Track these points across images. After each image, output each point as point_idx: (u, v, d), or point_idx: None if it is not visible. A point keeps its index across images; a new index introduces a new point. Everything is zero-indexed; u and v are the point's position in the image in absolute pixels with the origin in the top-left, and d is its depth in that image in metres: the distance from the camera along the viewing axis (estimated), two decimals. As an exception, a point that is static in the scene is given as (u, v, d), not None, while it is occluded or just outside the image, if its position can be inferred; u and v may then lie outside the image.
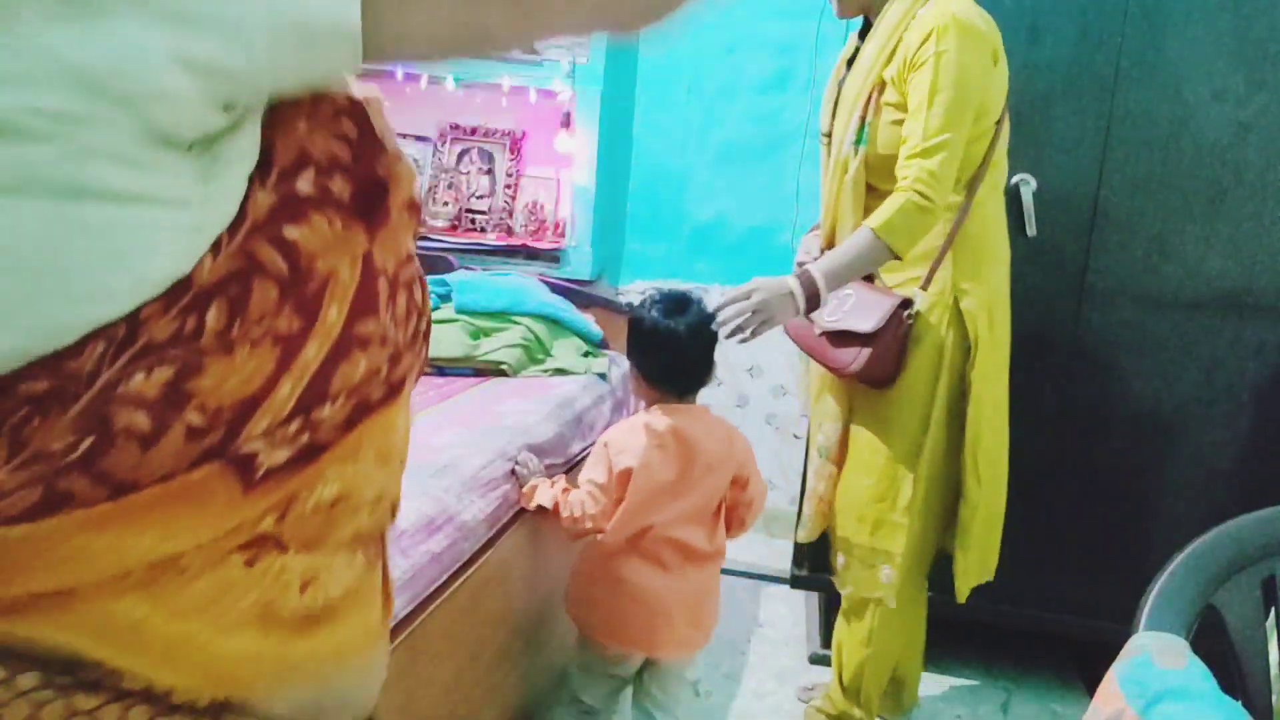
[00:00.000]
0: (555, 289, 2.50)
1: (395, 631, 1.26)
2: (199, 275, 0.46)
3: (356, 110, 0.57)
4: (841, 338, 1.70)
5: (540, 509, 1.60)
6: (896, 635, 1.88)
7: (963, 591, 1.81)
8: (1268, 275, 1.96)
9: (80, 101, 0.41)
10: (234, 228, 0.48)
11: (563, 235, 3.04)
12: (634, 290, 3.08)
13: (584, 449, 1.99)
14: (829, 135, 1.82)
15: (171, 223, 0.45)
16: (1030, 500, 2.12)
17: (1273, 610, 0.83)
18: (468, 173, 3.55)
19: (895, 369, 1.71)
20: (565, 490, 1.60)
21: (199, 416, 0.46)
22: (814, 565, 2.22)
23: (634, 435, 1.57)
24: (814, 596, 2.51)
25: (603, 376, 2.28)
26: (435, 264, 2.92)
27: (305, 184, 0.51)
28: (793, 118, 2.86)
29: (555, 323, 2.39)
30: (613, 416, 2.20)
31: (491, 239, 3.04)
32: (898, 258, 1.62)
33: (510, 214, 3.13)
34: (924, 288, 1.69)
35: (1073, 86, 1.98)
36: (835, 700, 1.94)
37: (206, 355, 0.46)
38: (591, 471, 1.59)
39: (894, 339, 1.67)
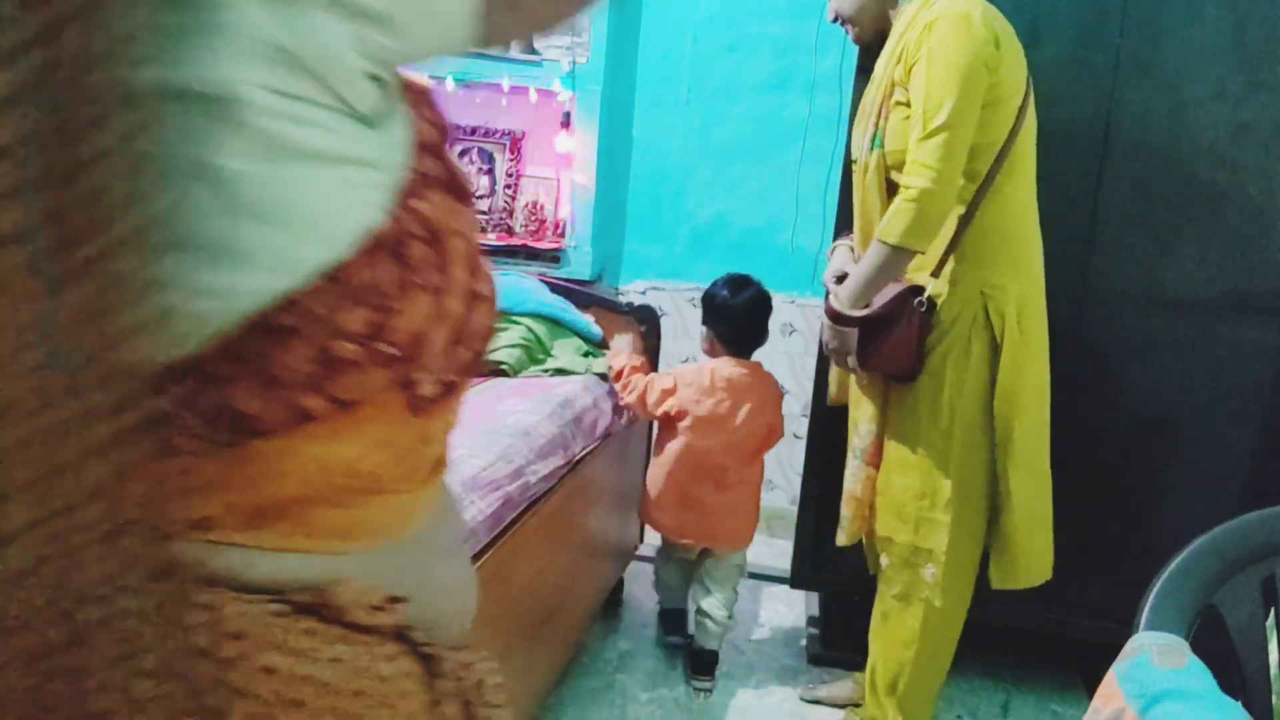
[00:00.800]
0: (555, 289, 2.50)
1: (395, 632, 1.26)
2: (381, 229, 0.55)
3: (433, 94, 0.64)
4: (866, 336, 1.72)
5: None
6: (945, 635, 1.85)
7: (996, 580, 1.80)
8: (1268, 275, 1.96)
9: (289, 77, 0.49)
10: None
11: (563, 235, 3.04)
12: (634, 290, 3.08)
13: (584, 449, 1.99)
14: (856, 160, 1.84)
15: (370, 181, 0.54)
16: (1030, 500, 2.13)
17: (1273, 610, 0.83)
18: (468, 173, 3.55)
19: (915, 361, 1.70)
20: (635, 369, 2.16)
21: (390, 349, 0.56)
22: (814, 565, 2.22)
23: (700, 374, 2.11)
24: (814, 596, 2.51)
25: (603, 377, 2.28)
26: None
27: (420, 162, 0.60)
28: (793, 118, 2.87)
29: (555, 323, 2.39)
30: (613, 416, 2.20)
31: (492, 239, 3.05)
32: (921, 252, 1.63)
33: (510, 214, 3.13)
34: (934, 274, 1.69)
35: (1072, 86, 1.98)
36: (873, 708, 1.91)
37: (391, 297, 0.55)
38: (663, 380, 2.13)
39: (909, 328, 1.67)
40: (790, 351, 2.99)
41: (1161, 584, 0.78)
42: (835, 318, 1.74)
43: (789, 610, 2.56)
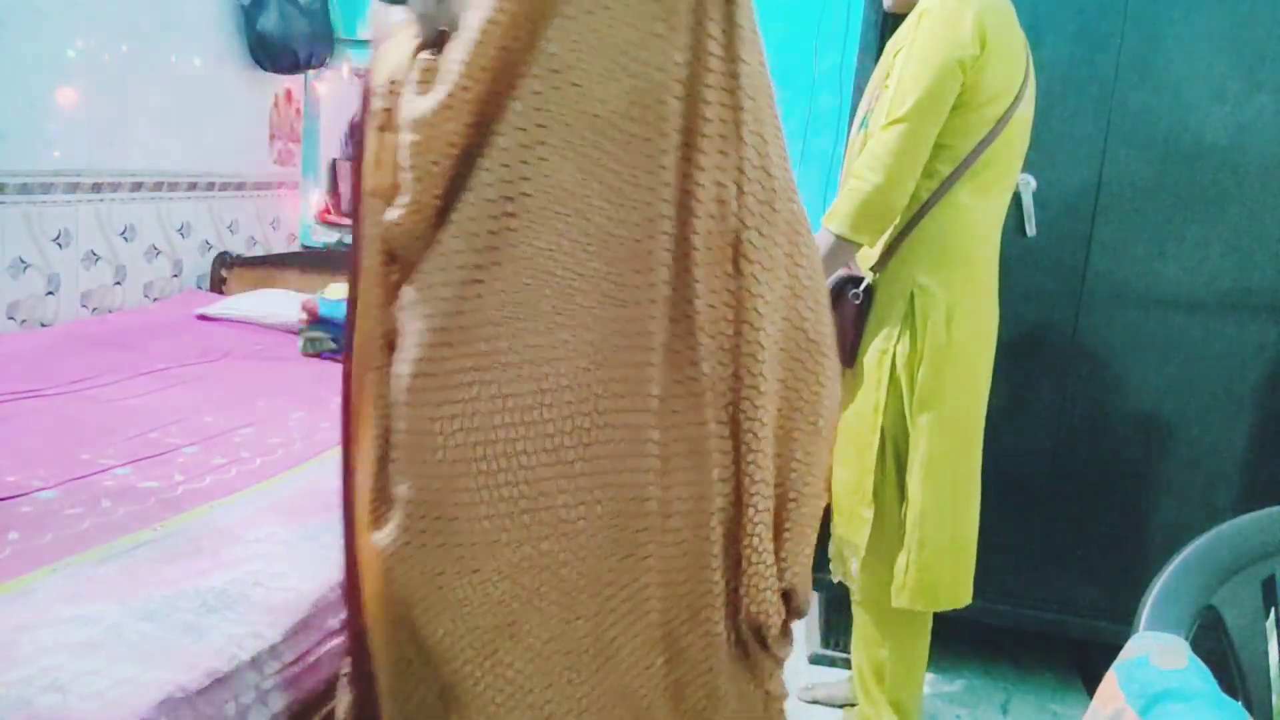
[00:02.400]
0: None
1: (395, 631, 1.26)
2: None
3: None
4: None
5: None
6: (910, 630, 1.83)
7: (901, 597, 1.72)
8: (1267, 275, 1.96)
9: None
10: None
11: (563, 235, 3.03)
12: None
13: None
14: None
15: None
16: (1030, 500, 2.12)
17: (1273, 610, 0.83)
18: (468, 173, 3.55)
19: (847, 350, 1.69)
20: None
21: None
22: (814, 565, 2.21)
23: None
24: (814, 596, 2.51)
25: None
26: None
27: None
28: (793, 117, 2.86)
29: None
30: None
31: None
32: (863, 245, 1.63)
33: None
34: (874, 269, 1.68)
35: (1073, 87, 1.97)
36: (866, 708, 1.89)
37: None
38: None
39: (841, 318, 1.65)
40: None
41: (1161, 584, 0.78)
42: None
43: (789, 610, 2.56)
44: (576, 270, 0.89)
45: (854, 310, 1.67)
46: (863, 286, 1.67)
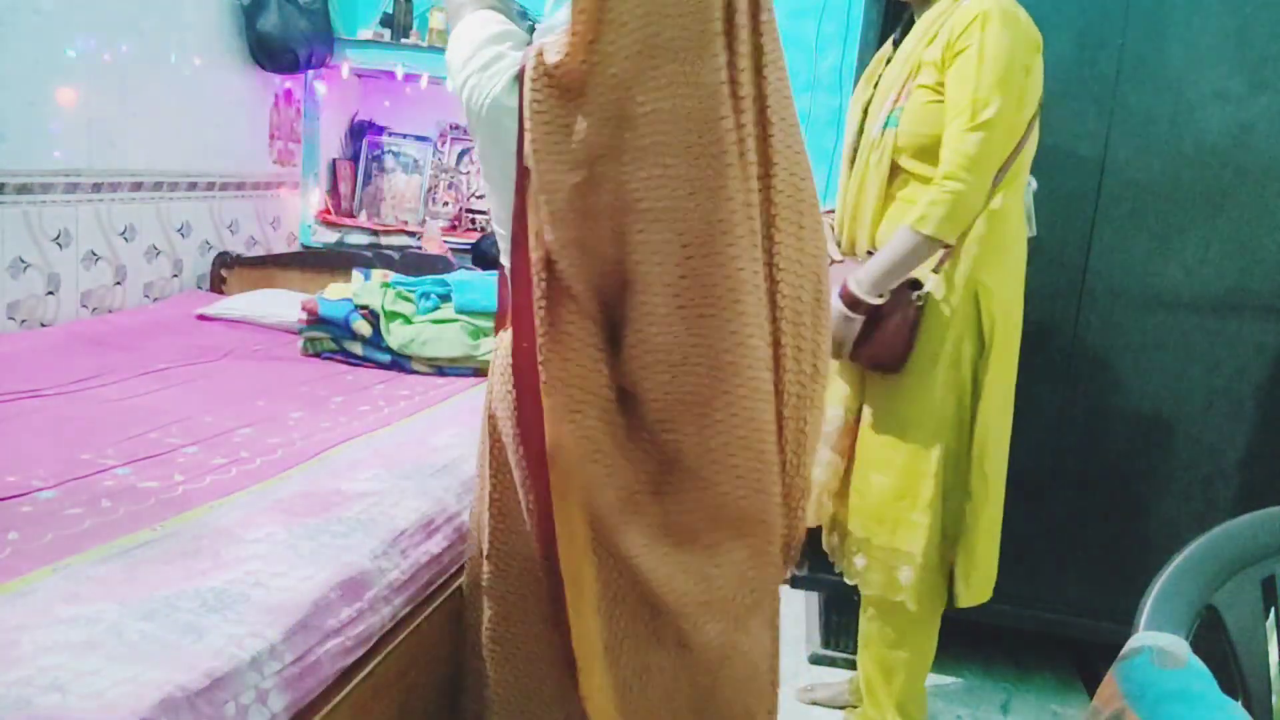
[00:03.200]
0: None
1: (393, 633, 1.26)
2: None
3: None
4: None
5: None
6: (929, 633, 1.84)
7: (962, 598, 1.75)
8: (1268, 275, 1.96)
9: None
10: None
11: (563, 235, 3.03)
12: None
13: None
14: (861, 128, 1.78)
15: None
16: (1030, 500, 2.12)
17: (1273, 610, 0.83)
18: (468, 173, 3.55)
19: (903, 353, 1.67)
20: None
21: None
22: (814, 565, 2.21)
23: None
24: (814, 596, 2.51)
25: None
26: (435, 264, 2.92)
27: None
28: (793, 118, 2.87)
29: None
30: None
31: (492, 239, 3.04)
32: (948, 246, 1.61)
33: (510, 214, 3.13)
34: (935, 270, 1.66)
35: (1074, 87, 1.97)
36: (871, 711, 1.89)
37: None
38: None
39: (903, 321, 1.65)
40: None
41: (1161, 584, 0.78)
42: (853, 303, 1.66)
43: (788, 610, 2.55)
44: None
45: (915, 313, 1.66)
46: (925, 290, 1.66)
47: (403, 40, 3.26)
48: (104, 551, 1.15)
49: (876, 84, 1.78)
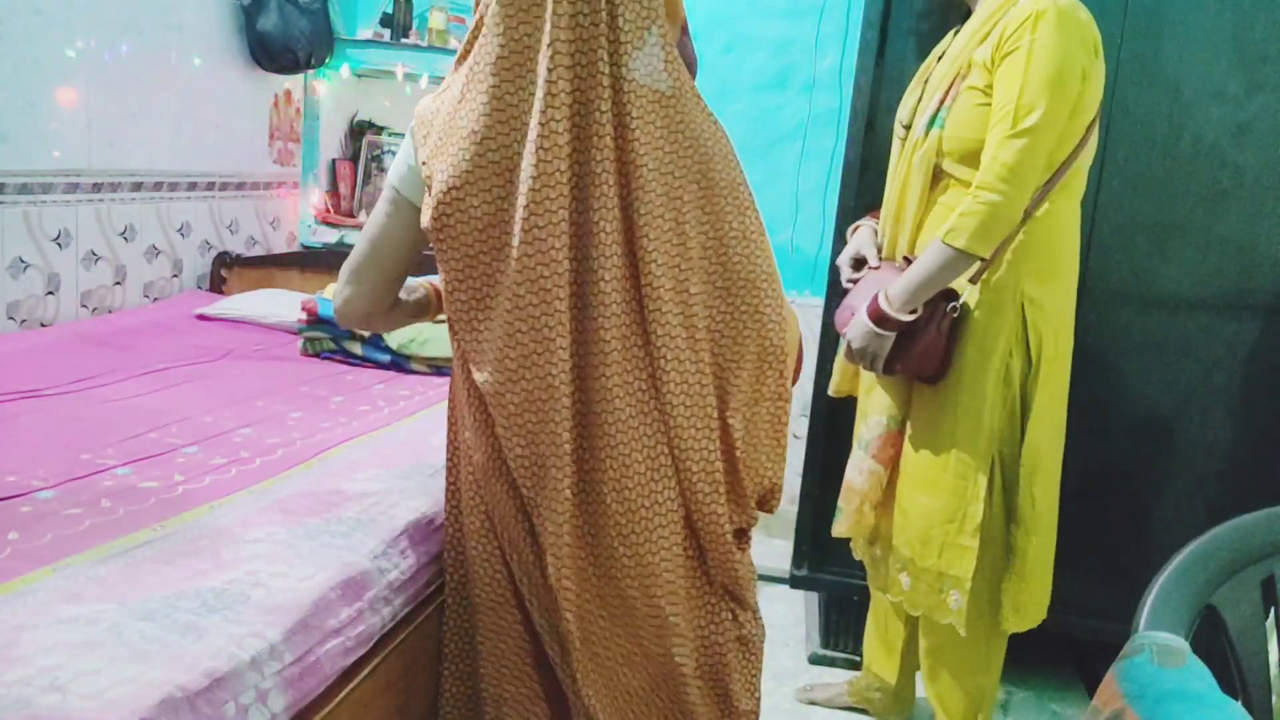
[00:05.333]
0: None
1: (393, 633, 1.26)
2: None
3: None
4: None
5: None
6: (994, 659, 1.78)
7: (1010, 622, 1.69)
8: (1267, 275, 1.96)
9: None
10: None
11: (562, 235, 3.03)
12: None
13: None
14: (908, 126, 1.71)
15: None
16: (1030, 500, 2.12)
17: (1273, 610, 0.83)
18: (467, 173, 3.55)
19: (942, 364, 1.61)
20: None
21: None
22: (814, 565, 2.21)
23: None
24: (814, 596, 2.51)
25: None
26: (435, 264, 2.92)
27: None
28: (793, 117, 2.86)
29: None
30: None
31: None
32: (982, 259, 1.54)
33: (510, 214, 3.13)
34: (973, 281, 1.60)
35: (1073, 86, 1.97)
36: None
37: None
38: None
39: (938, 335, 1.58)
40: (790, 351, 2.98)
41: (1161, 584, 0.78)
42: (880, 320, 1.60)
43: (789, 610, 2.56)
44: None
45: (950, 324, 1.60)
46: (961, 301, 1.60)
47: (403, 40, 3.26)
48: (104, 551, 1.15)
49: (926, 82, 1.71)
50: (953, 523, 1.65)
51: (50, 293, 2.42)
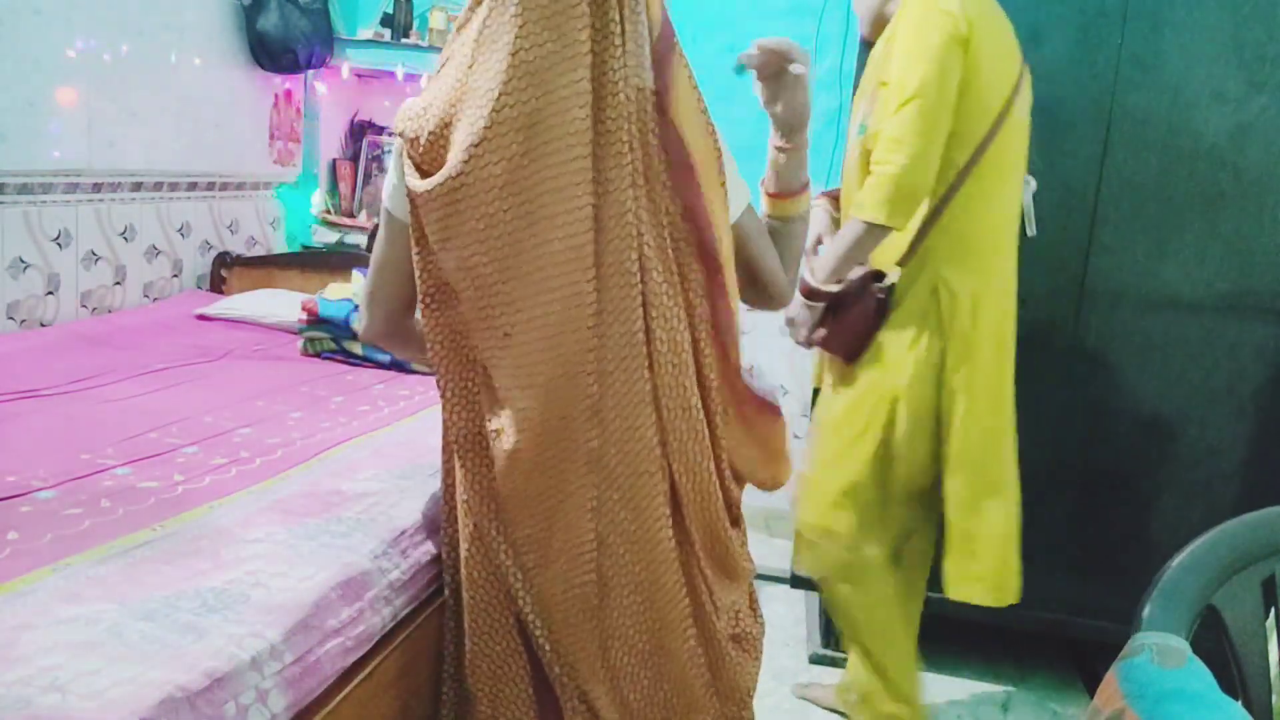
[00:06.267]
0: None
1: (393, 633, 1.26)
2: None
3: None
4: (824, 313, 1.73)
5: None
6: (891, 613, 1.86)
7: (955, 589, 1.77)
8: (1267, 276, 1.96)
9: None
10: None
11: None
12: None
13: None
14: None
15: None
16: (1030, 500, 2.12)
17: (1273, 610, 0.83)
18: (468, 173, 3.55)
19: (862, 345, 1.71)
20: None
21: None
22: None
23: None
24: (814, 596, 2.51)
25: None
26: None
27: None
28: (793, 118, 2.86)
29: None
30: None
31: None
32: (896, 229, 1.62)
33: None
34: (900, 264, 1.69)
35: (1073, 87, 1.98)
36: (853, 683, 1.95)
37: None
38: None
39: (864, 312, 1.68)
40: (790, 351, 2.99)
41: (1161, 584, 0.78)
42: (809, 293, 1.71)
43: (788, 610, 2.56)
44: None
45: (875, 305, 1.68)
46: (887, 282, 1.68)
47: (403, 40, 3.26)
48: (104, 551, 1.15)
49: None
50: (832, 480, 1.77)
51: (50, 293, 2.42)
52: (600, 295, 1.04)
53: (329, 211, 3.47)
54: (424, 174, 1.05)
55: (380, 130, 3.57)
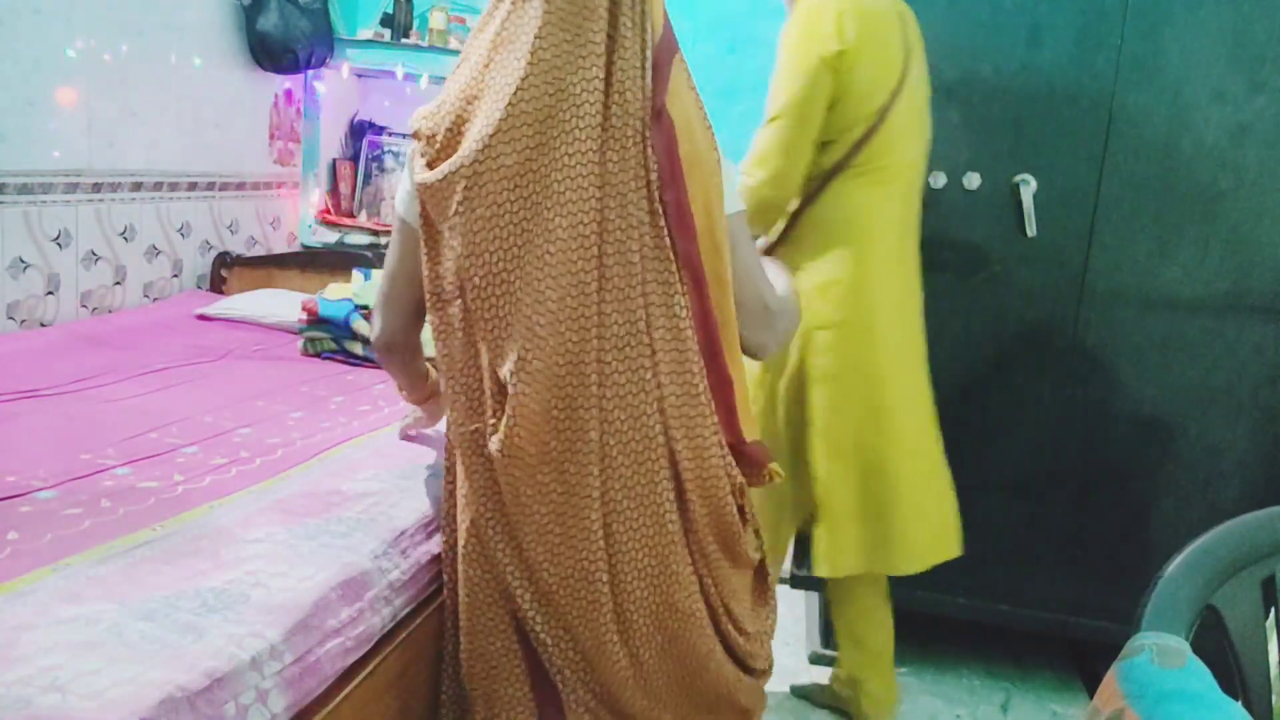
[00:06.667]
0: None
1: (393, 633, 1.26)
2: None
3: None
4: None
5: None
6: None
7: (819, 567, 1.81)
8: (1266, 276, 1.96)
9: None
10: None
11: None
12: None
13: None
14: None
15: None
16: (1030, 500, 2.12)
17: (1273, 610, 0.83)
18: (468, 173, 3.55)
19: None
20: None
21: None
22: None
23: None
24: (814, 596, 2.51)
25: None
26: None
27: None
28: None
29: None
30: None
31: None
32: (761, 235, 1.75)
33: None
34: (766, 253, 1.75)
35: (1073, 87, 1.98)
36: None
37: None
38: None
39: None
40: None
41: (1161, 584, 0.78)
42: None
43: (789, 610, 2.56)
44: None
45: None
46: None
47: (403, 40, 3.26)
48: (104, 551, 1.15)
49: None
50: None
51: (50, 293, 2.42)
52: (602, 284, 1.06)
53: (328, 211, 3.47)
54: (430, 168, 1.08)
55: (380, 130, 3.57)
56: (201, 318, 2.63)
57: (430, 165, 1.09)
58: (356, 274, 2.50)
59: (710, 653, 1.22)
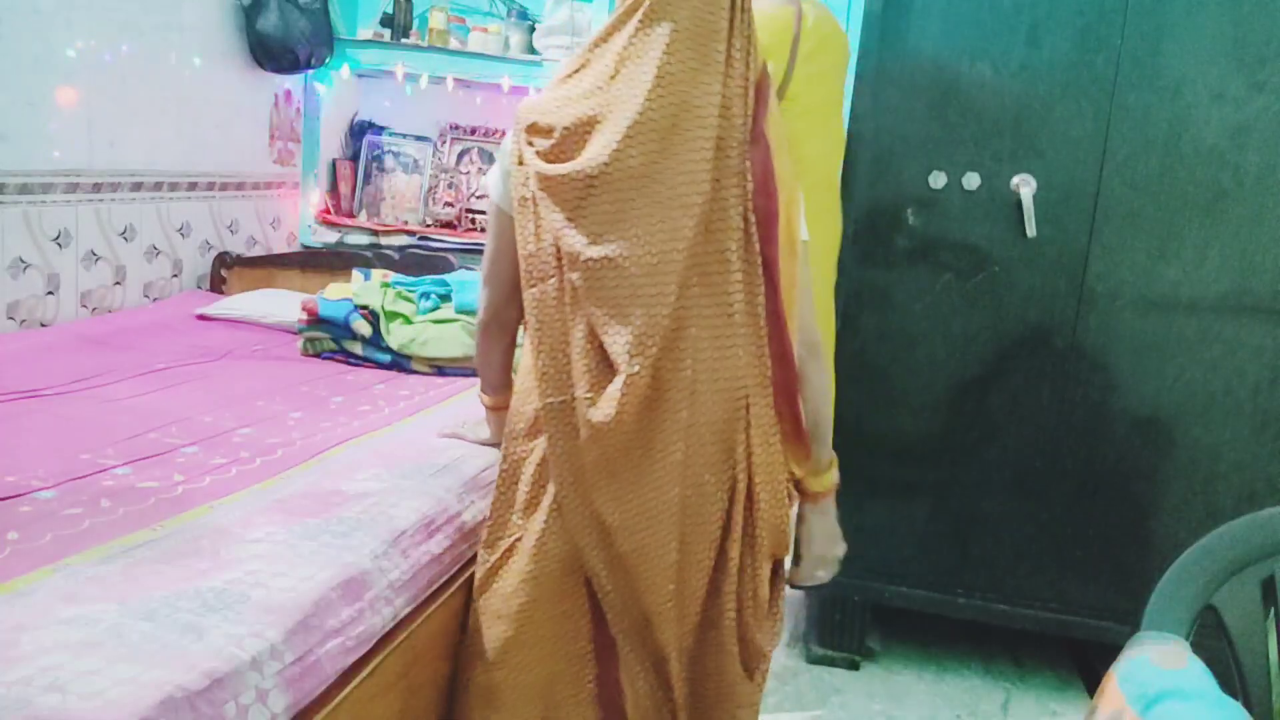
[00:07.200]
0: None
1: (394, 633, 1.26)
2: None
3: None
4: None
5: None
6: None
7: None
8: (1267, 276, 1.96)
9: None
10: None
11: (563, 235, 3.03)
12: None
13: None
14: None
15: None
16: (1030, 500, 2.12)
17: (1273, 610, 0.83)
18: (468, 173, 3.55)
19: None
20: None
21: None
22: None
23: None
24: (814, 596, 2.51)
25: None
26: (435, 264, 2.92)
27: None
28: (793, 118, 2.86)
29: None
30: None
31: (491, 239, 3.03)
32: None
33: (510, 214, 3.13)
34: None
35: (1073, 87, 1.98)
36: None
37: None
38: None
39: None
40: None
41: (1161, 584, 0.78)
42: None
43: (789, 610, 2.56)
44: None
45: None
46: None
47: (403, 40, 3.26)
48: (104, 551, 1.15)
49: None
50: None
51: (50, 293, 2.42)
52: (701, 278, 1.19)
53: (328, 211, 3.47)
54: (548, 160, 1.20)
55: (380, 130, 3.57)
56: (201, 318, 2.63)
57: (545, 156, 1.19)
58: (356, 274, 2.50)
59: (723, 646, 1.29)
